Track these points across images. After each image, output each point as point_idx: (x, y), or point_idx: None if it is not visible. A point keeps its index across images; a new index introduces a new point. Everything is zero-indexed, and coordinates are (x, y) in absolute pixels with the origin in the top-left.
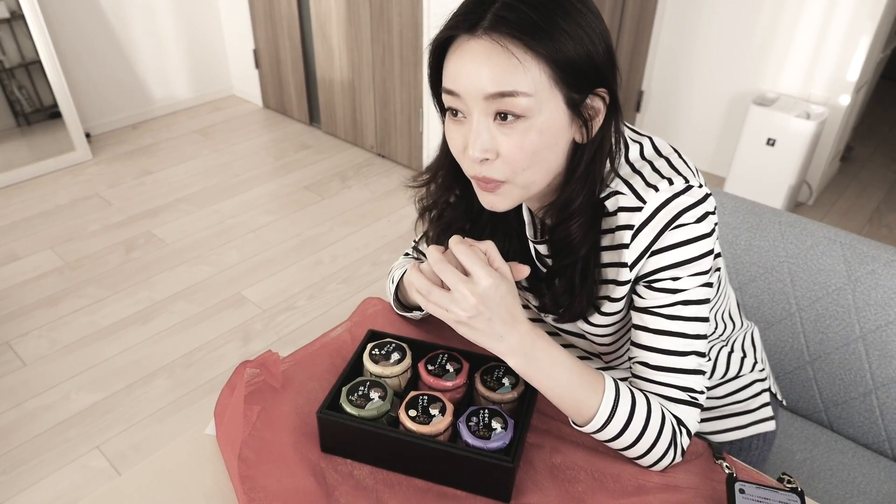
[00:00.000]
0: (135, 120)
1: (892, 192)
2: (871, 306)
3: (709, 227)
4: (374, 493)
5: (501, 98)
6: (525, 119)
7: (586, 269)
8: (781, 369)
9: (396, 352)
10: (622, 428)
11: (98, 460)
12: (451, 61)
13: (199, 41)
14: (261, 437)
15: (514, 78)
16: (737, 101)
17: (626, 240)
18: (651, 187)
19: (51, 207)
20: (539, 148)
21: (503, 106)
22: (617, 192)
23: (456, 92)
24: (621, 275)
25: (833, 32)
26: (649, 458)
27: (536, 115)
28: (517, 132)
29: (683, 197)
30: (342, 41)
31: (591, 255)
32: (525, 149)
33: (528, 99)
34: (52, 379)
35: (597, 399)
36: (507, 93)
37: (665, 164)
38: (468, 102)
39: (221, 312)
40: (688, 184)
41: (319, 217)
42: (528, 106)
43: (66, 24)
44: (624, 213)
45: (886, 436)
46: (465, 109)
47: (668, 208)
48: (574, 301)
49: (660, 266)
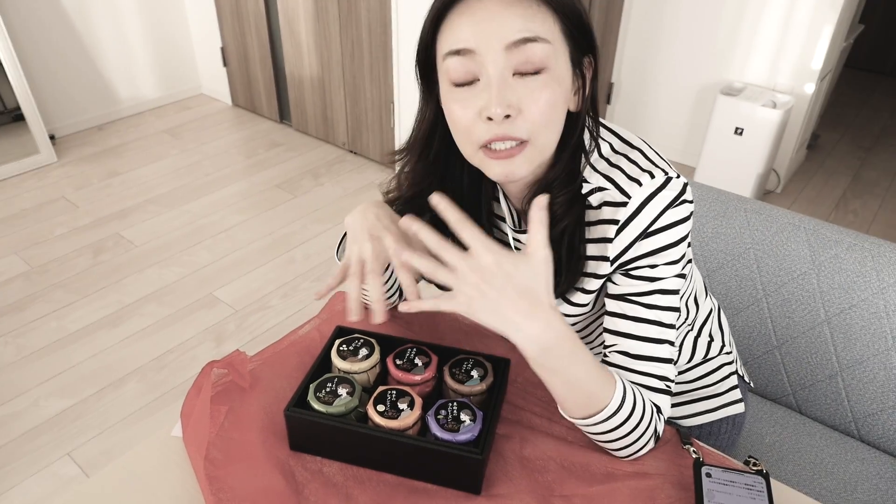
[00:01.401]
0: (101, 121)
1: (858, 179)
2: (835, 290)
3: (686, 212)
4: (344, 489)
5: (524, 44)
6: (545, 70)
7: (571, 251)
8: (750, 354)
9: (365, 347)
10: (621, 422)
11: (69, 467)
12: (457, 20)
13: (166, 39)
14: (229, 437)
15: (534, 24)
16: (705, 92)
17: (609, 234)
18: (634, 181)
19: (15, 211)
20: (556, 103)
21: (524, 55)
22: (600, 187)
23: (470, 48)
24: (601, 268)
25: (797, 22)
26: (630, 450)
27: (554, 65)
28: (539, 83)
29: (666, 191)
30: (311, 37)
31: (574, 239)
32: (548, 101)
33: (548, 46)
34: (20, 386)
35: (608, 394)
36: (531, 38)
37: (640, 157)
38: (484, 58)
39: (193, 314)
40: (667, 175)
41: (291, 215)
42: (548, 54)
43: (28, 24)
44: (608, 207)
45: (853, 417)
46: (477, 69)
47: (652, 203)
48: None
49: (638, 254)
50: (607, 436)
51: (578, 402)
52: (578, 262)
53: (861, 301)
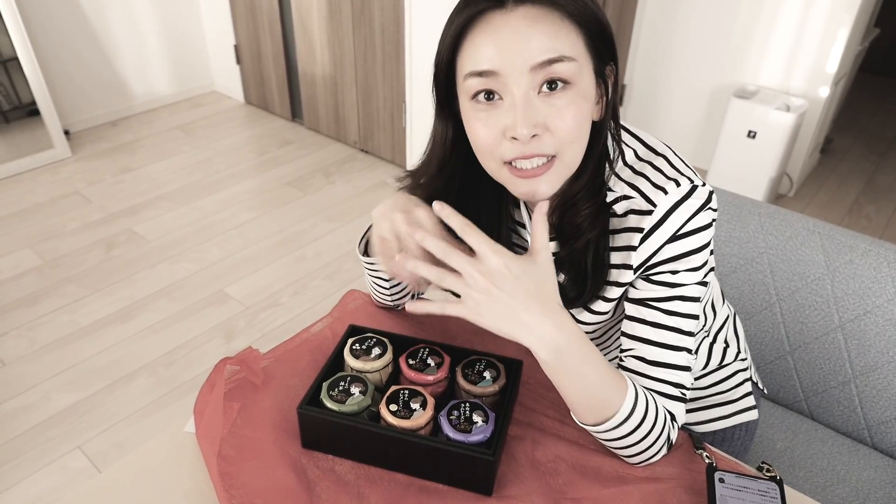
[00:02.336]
0: (115, 117)
1: (872, 184)
2: (850, 296)
3: (708, 219)
4: (356, 488)
5: (549, 66)
6: (572, 86)
7: (596, 261)
8: (762, 359)
9: (377, 346)
10: (633, 429)
11: (79, 460)
12: (478, 41)
13: (180, 36)
14: (241, 433)
15: (560, 43)
16: (718, 95)
17: (634, 242)
18: (659, 189)
19: (29, 206)
20: (583, 118)
21: (551, 74)
22: (625, 196)
23: (493, 70)
24: (622, 277)
25: (812, 25)
26: (642, 457)
27: (579, 81)
28: (565, 100)
29: (691, 200)
30: (324, 36)
31: (600, 246)
32: (575, 118)
33: (573, 64)
34: (31, 379)
35: (619, 398)
36: (556, 59)
37: (665, 164)
38: (507, 79)
39: (204, 310)
40: (693, 184)
41: (302, 213)
42: (574, 71)
43: (44, 21)
44: (634, 215)
45: (866, 424)
46: (502, 88)
47: (677, 212)
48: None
49: (660, 259)
50: (620, 442)
51: (590, 407)
52: (603, 271)
53: (875, 307)
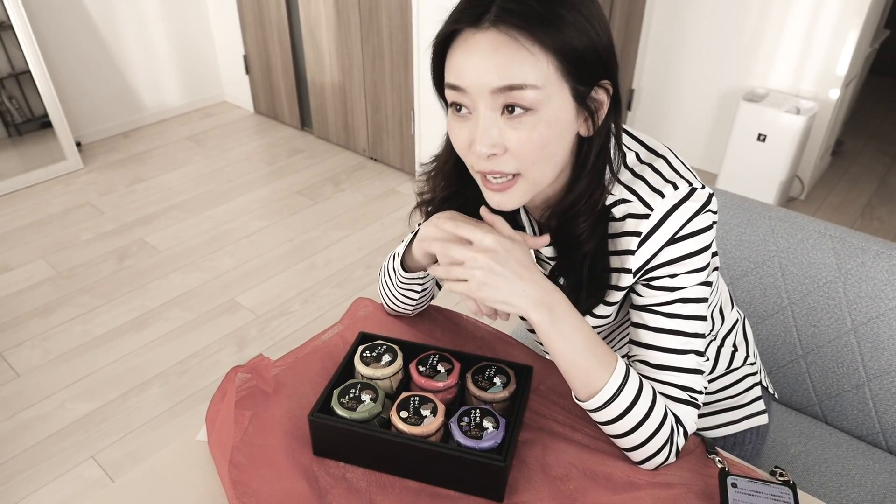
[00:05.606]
0: (126, 128)
1: (884, 186)
2: (862, 298)
3: (707, 221)
4: (367, 495)
5: (509, 91)
6: (533, 112)
7: (594, 268)
8: (775, 363)
9: (387, 353)
10: (624, 410)
11: (94, 470)
12: (455, 56)
13: (189, 48)
14: (252, 441)
15: (522, 70)
16: (727, 98)
17: (632, 246)
18: (657, 193)
19: (42, 217)
20: (547, 141)
21: (511, 99)
22: (623, 199)
23: (461, 87)
24: (622, 280)
25: (821, 28)
26: (644, 452)
27: (545, 107)
28: (525, 126)
29: (689, 202)
30: (332, 45)
31: (599, 253)
32: (534, 142)
33: (536, 91)
34: (46, 389)
35: (606, 373)
36: (516, 86)
37: (665, 166)
38: (474, 97)
39: (215, 319)
40: (691, 186)
41: (312, 221)
42: (537, 99)
43: (55, 33)
44: (632, 219)
45: (880, 427)
46: (471, 104)
47: (675, 215)
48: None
49: (658, 263)
50: (615, 427)
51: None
52: (603, 277)
53: (889, 310)
